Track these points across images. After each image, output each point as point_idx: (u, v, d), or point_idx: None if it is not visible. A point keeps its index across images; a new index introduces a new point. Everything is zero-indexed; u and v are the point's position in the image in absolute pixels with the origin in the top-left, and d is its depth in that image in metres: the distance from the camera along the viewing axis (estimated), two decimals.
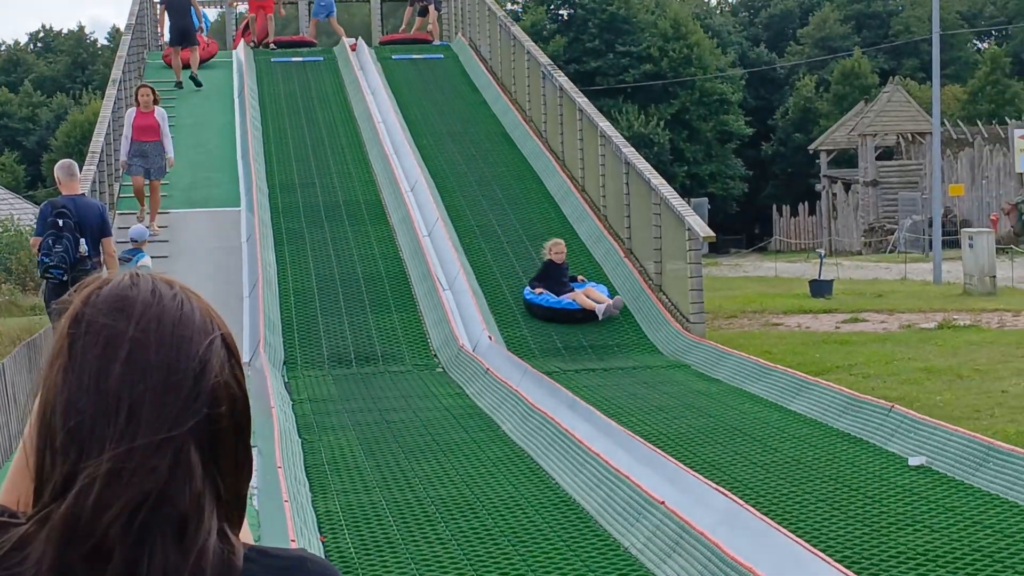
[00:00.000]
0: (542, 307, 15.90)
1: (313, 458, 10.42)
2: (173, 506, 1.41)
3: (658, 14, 68.83)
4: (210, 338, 1.47)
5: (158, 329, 1.46)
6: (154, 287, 1.50)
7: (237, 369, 1.51)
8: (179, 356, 1.45)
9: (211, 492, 1.45)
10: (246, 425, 1.52)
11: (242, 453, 1.51)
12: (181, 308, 1.48)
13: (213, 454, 1.45)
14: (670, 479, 8.79)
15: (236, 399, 1.49)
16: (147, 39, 27.30)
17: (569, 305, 15.81)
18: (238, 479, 1.51)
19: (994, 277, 24.15)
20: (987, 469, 9.11)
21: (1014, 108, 60.84)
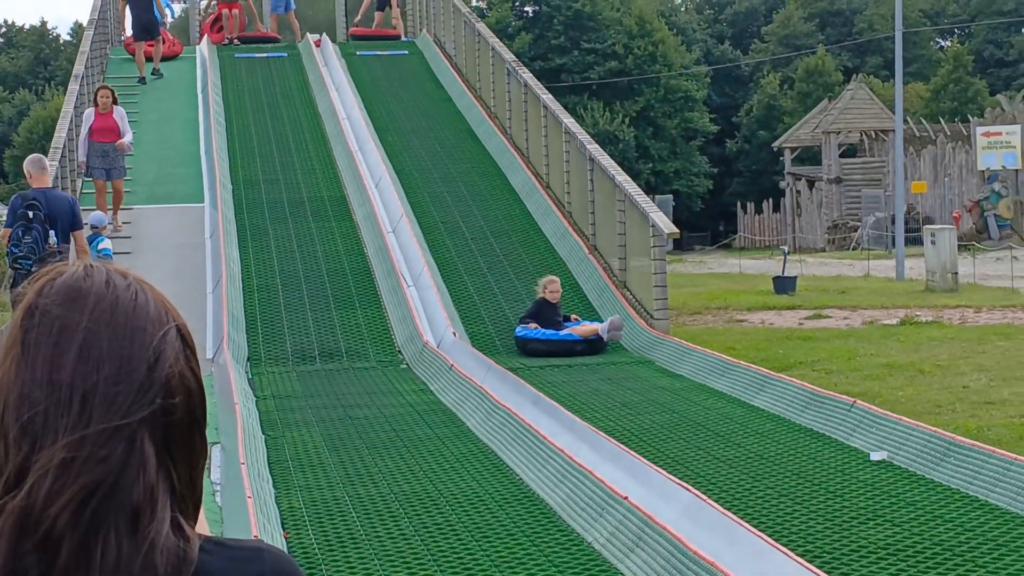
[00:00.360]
0: (539, 341, 14.99)
1: (277, 454, 10.40)
2: (126, 496, 1.41)
3: (623, 11, 68.91)
4: (164, 329, 1.47)
5: (111, 320, 1.46)
6: (108, 278, 1.50)
7: (192, 360, 1.51)
8: (133, 347, 1.44)
9: (165, 483, 1.45)
10: (201, 416, 1.52)
11: (197, 444, 1.51)
12: (135, 299, 1.48)
13: (167, 445, 1.45)
14: (633, 474, 8.81)
15: (191, 390, 1.49)
16: (110, 34, 27.16)
17: (569, 337, 15.04)
18: (193, 470, 1.51)
19: (956, 274, 24.30)
20: (948, 464, 9.17)
21: (976, 106, 61.17)
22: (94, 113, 17.69)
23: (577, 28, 66.76)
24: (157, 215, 18.86)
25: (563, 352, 14.83)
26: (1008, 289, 23.73)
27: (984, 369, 14.05)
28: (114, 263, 1.51)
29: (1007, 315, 19.46)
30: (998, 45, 76.67)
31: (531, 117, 20.84)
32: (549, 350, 14.87)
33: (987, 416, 11.47)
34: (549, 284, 15.50)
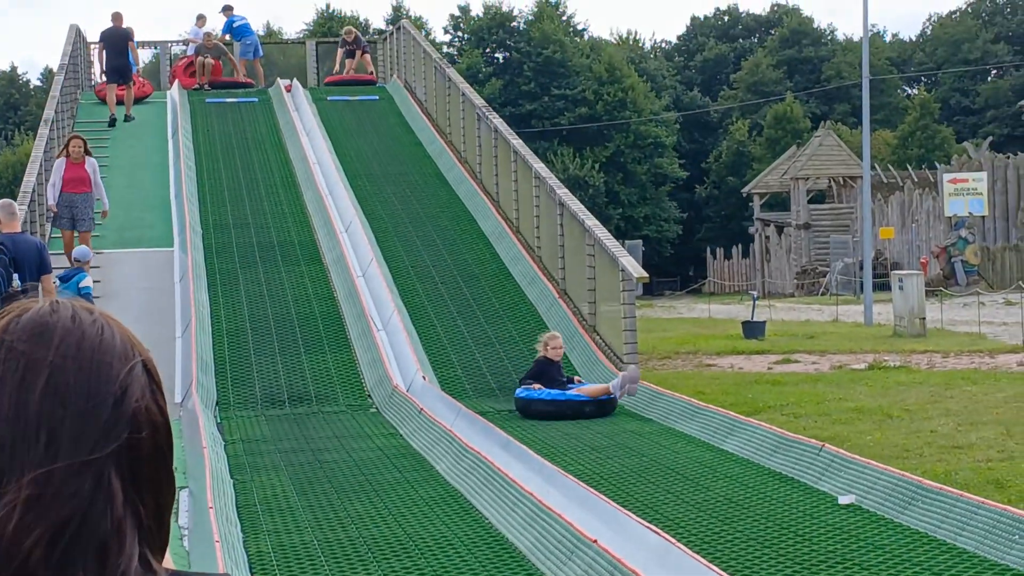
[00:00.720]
0: (544, 402, 13.86)
1: (245, 498, 10.35)
2: (94, 531, 1.41)
3: (593, 58, 69.34)
4: (130, 364, 1.47)
5: (77, 355, 1.46)
6: (74, 314, 1.50)
7: (158, 395, 1.51)
8: (99, 381, 1.44)
9: (132, 517, 1.45)
10: (168, 451, 1.52)
11: (164, 479, 1.51)
12: (101, 334, 1.48)
13: (134, 479, 1.45)
14: (603, 518, 8.81)
15: (157, 425, 1.49)
16: (80, 80, 27.17)
17: (577, 397, 13.93)
18: (160, 505, 1.51)
19: (924, 319, 24.43)
20: (916, 508, 9.20)
21: (943, 153, 61.69)
22: (65, 163, 17.54)
23: (547, 74, 67.10)
24: (126, 259, 18.82)
25: (570, 414, 13.73)
26: (975, 334, 23.86)
27: (951, 414, 14.11)
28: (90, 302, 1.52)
29: (974, 360, 19.57)
30: (964, 93, 77.37)
31: (501, 162, 20.91)
32: (555, 412, 13.71)
33: (955, 460, 11.51)
34: (550, 340, 14.44)
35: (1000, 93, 74.62)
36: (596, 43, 75.23)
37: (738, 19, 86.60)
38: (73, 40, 26.47)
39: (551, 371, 14.24)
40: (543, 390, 13.93)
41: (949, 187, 44.52)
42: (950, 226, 44.46)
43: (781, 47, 78.94)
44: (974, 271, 42.77)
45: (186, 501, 10.11)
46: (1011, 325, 25.02)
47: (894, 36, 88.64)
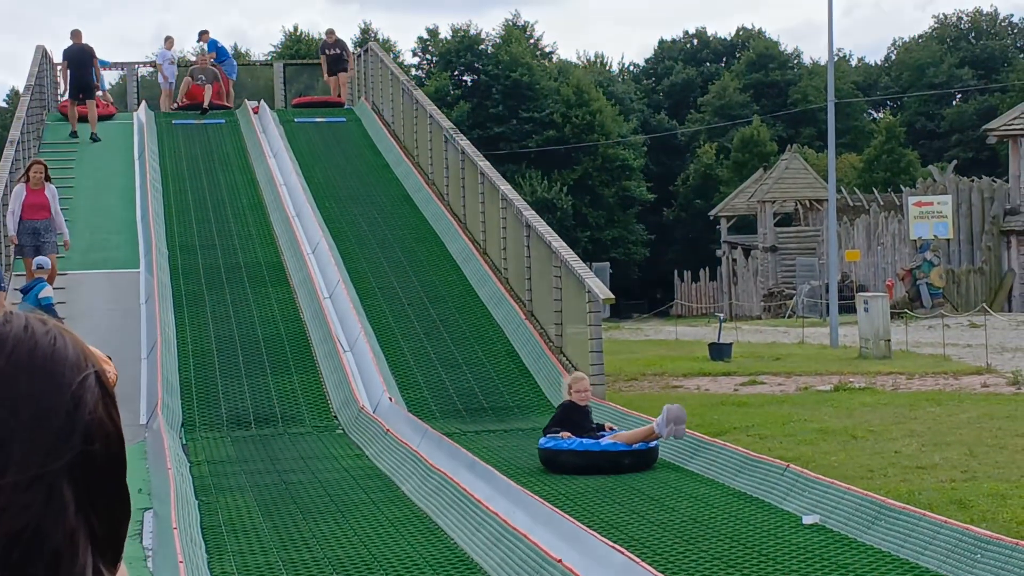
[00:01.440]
0: (574, 453, 11.87)
1: (210, 519, 10.32)
2: (46, 542, 1.41)
3: (561, 81, 69.54)
4: (83, 374, 1.46)
5: (29, 365, 1.45)
6: (27, 324, 1.50)
7: (111, 407, 1.50)
8: (51, 392, 1.43)
9: (85, 529, 1.45)
10: (120, 462, 1.52)
11: (117, 491, 1.51)
12: (54, 344, 1.47)
13: (88, 492, 1.44)
14: (568, 538, 8.82)
15: (110, 436, 1.48)
16: (47, 100, 27.10)
17: (612, 447, 11.93)
18: (113, 517, 1.51)
19: (889, 341, 24.54)
20: (879, 527, 9.24)
21: (908, 176, 62.06)
22: (25, 189, 17.37)
23: (515, 97, 67.24)
24: (91, 281, 18.76)
25: (606, 467, 11.78)
26: (940, 356, 23.98)
27: (916, 434, 14.18)
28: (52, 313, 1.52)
29: (939, 381, 19.68)
30: (929, 117, 77.90)
31: (468, 184, 20.95)
32: (587, 465, 11.77)
33: (918, 480, 11.58)
34: (575, 383, 12.49)
35: (965, 117, 75.16)
36: (564, 66, 75.48)
37: (706, 43, 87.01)
38: (39, 61, 26.43)
39: (578, 418, 12.29)
40: (572, 439, 11.95)
41: (914, 210, 44.79)
42: (915, 249, 44.71)
43: (748, 71, 79.34)
44: (939, 293, 43.01)
45: (150, 522, 10.08)
46: (975, 347, 25.18)
47: (860, 60, 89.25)
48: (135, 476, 11.91)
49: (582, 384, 12.44)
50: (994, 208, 45.09)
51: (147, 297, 17.92)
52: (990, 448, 13.14)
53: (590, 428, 12.32)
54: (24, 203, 17.24)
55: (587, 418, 12.40)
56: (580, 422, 12.26)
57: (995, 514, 9.97)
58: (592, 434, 12.18)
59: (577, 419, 12.27)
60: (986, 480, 11.42)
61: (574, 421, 12.24)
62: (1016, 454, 12.69)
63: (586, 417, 12.39)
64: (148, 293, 17.96)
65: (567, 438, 11.99)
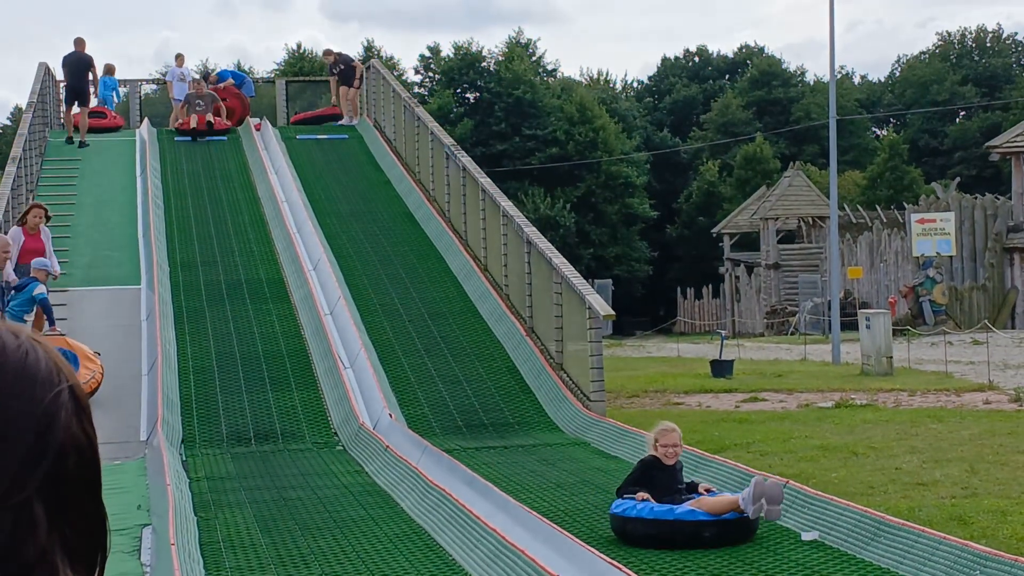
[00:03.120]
0: (644, 522, 9.82)
1: (209, 536, 10.30)
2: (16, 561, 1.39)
3: (564, 98, 69.60)
4: (56, 391, 1.43)
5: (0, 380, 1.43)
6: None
7: (86, 422, 1.46)
8: (22, 411, 1.40)
9: (60, 546, 1.42)
10: (95, 479, 1.48)
11: (91, 508, 1.48)
12: (26, 358, 1.43)
13: (60, 508, 1.41)
14: (566, 554, 8.80)
15: (83, 451, 1.44)
16: (49, 117, 27.15)
17: (691, 515, 9.81)
18: (89, 532, 1.48)
19: (891, 358, 24.51)
20: (879, 544, 9.21)
21: (911, 193, 62.07)
22: (22, 232, 16.99)
23: (518, 115, 67.31)
24: (93, 297, 18.76)
25: (682, 539, 9.73)
26: (942, 373, 23.96)
27: (917, 451, 14.15)
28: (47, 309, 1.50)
29: (940, 399, 19.65)
30: (933, 134, 77.95)
31: (469, 200, 20.95)
32: (660, 535, 9.76)
33: (919, 497, 11.55)
34: (663, 436, 10.29)
35: (968, 134, 75.20)
36: (567, 83, 75.57)
37: (708, 60, 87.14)
38: (42, 78, 26.48)
39: (662, 478, 10.21)
40: (646, 504, 9.93)
41: (917, 227, 44.78)
42: (918, 266, 44.70)
43: (751, 88, 79.45)
44: (942, 311, 42.99)
45: (149, 538, 10.06)
46: (978, 364, 25.14)
47: (863, 78, 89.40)
48: (134, 492, 11.90)
49: (671, 438, 10.23)
50: (997, 225, 45.08)
51: (148, 313, 17.92)
52: (991, 465, 13.11)
53: (676, 489, 10.17)
54: (22, 249, 16.95)
55: (674, 478, 10.25)
56: (664, 484, 10.15)
57: (995, 531, 9.94)
58: (678, 497, 10.10)
59: (661, 480, 10.17)
60: (987, 497, 11.39)
61: (657, 482, 10.15)
62: (1017, 471, 12.66)
63: (672, 477, 10.24)
64: (149, 309, 17.96)
65: (642, 501, 9.96)
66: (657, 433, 10.27)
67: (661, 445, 10.16)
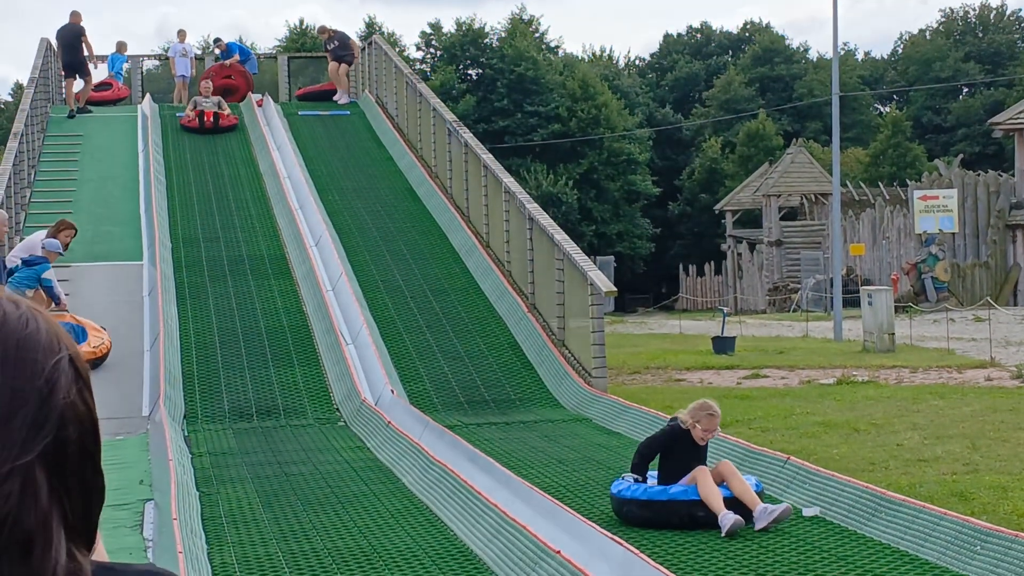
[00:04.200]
0: (638, 503, 9.53)
1: (211, 511, 10.32)
2: (19, 527, 1.40)
3: (566, 75, 69.45)
4: (56, 358, 1.44)
5: (1, 350, 1.45)
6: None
7: (85, 391, 1.48)
8: (24, 377, 1.42)
9: (58, 513, 1.44)
10: (95, 448, 1.50)
11: (90, 476, 1.49)
12: (26, 327, 1.45)
13: (60, 476, 1.42)
14: (568, 530, 8.81)
15: (83, 420, 1.46)
16: (51, 93, 27.11)
17: (683, 495, 9.47)
18: (87, 502, 1.49)
19: (893, 334, 24.52)
20: (879, 519, 9.23)
21: (914, 170, 61.98)
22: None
23: (521, 91, 67.18)
24: (95, 272, 18.77)
25: (677, 520, 9.38)
26: (944, 350, 23.96)
27: (918, 428, 14.17)
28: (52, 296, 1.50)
29: (942, 375, 19.66)
30: (936, 111, 77.81)
31: (472, 177, 20.93)
32: (653, 517, 9.43)
33: (920, 473, 11.56)
34: (707, 421, 9.72)
35: (971, 111, 75.06)
36: (569, 60, 75.40)
37: (711, 37, 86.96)
38: (44, 53, 26.44)
39: (686, 453, 9.74)
40: (640, 485, 9.64)
41: (920, 204, 44.74)
42: (920, 243, 44.68)
43: (753, 65, 79.30)
44: (944, 287, 42.98)
45: (151, 513, 10.08)
46: (980, 341, 25.15)
47: (866, 55, 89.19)
48: (136, 467, 11.93)
49: (712, 424, 9.73)
50: (1000, 202, 45.04)
51: (150, 289, 17.93)
52: (992, 441, 13.13)
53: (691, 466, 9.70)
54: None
55: (697, 457, 9.77)
56: (688, 459, 9.69)
57: (996, 506, 9.96)
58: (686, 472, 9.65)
59: (680, 453, 9.72)
60: (988, 473, 11.40)
61: (676, 454, 9.73)
62: (1018, 447, 12.68)
63: (697, 456, 9.76)
64: (151, 285, 17.97)
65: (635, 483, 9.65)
66: (701, 414, 9.65)
67: (703, 428, 9.64)
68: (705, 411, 9.69)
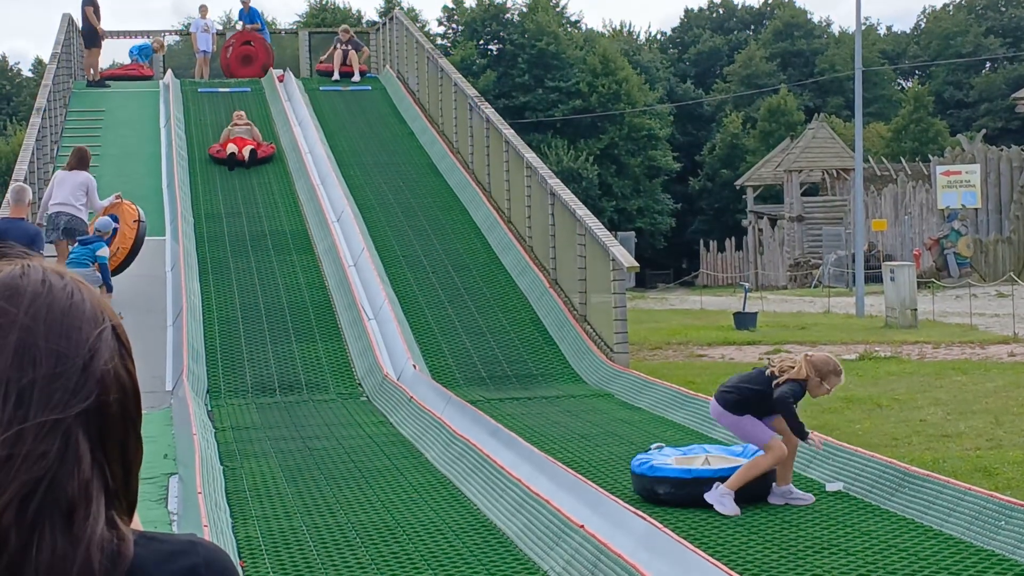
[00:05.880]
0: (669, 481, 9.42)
1: (234, 485, 10.36)
2: (62, 492, 1.42)
3: (587, 50, 69.27)
4: (100, 328, 1.49)
5: (47, 317, 1.47)
6: (44, 277, 1.51)
7: (127, 360, 1.52)
8: (68, 344, 1.46)
9: (99, 480, 1.46)
10: (136, 415, 1.53)
11: (132, 444, 1.52)
12: (71, 297, 1.49)
13: (102, 443, 1.46)
14: (590, 504, 8.82)
15: (125, 388, 1.50)
16: (73, 68, 27.15)
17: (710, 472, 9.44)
18: (127, 469, 1.52)
19: (915, 310, 24.45)
20: (903, 495, 9.22)
21: (936, 146, 61.70)
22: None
23: (541, 66, 67.02)
24: None
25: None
26: (966, 326, 23.89)
27: (941, 403, 14.14)
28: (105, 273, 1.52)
29: (965, 351, 19.60)
30: (958, 86, 77.42)
31: (493, 152, 20.91)
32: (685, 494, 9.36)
33: (943, 449, 11.55)
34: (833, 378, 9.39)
35: (994, 86, 74.68)
36: (590, 35, 75.20)
37: (732, 11, 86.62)
38: (66, 29, 26.47)
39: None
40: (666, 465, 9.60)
41: (942, 179, 44.56)
42: (943, 218, 44.51)
43: (775, 40, 78.98)
44: (966, 263, 42.83)
45: (176, 487, 10.13)
46: (1002, 316, 25.07)
47: (888, 29, 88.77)
48: (161, 441, 11.97)
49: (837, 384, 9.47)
50: (1023, 177, 44.82)
51: (173, 264, 17.97)
52: (1016, 417, 13.10)
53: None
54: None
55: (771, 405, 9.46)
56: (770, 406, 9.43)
57: (1020, 481, 9.95)
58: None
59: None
60: (1011, 448, 11.38)
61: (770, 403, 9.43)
62: None
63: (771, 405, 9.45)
64: (174, 260, 18.01)
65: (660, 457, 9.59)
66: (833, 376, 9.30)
67: (828, 387, 9.29)
68: (837, 373, 9.33)
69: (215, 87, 27.14)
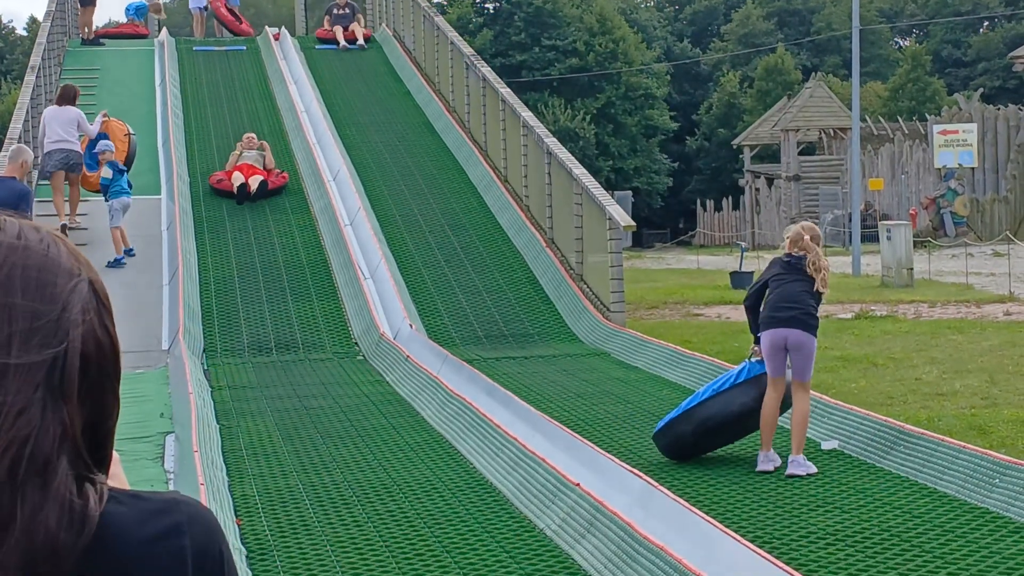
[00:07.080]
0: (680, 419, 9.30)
1: (231, 443, 10.39)
2: (39, 449, 1.41)
3: (584, 9, 68.97)
4: (75, 281, 1.48)
5: (23, 272, 1.46)
6: (20, 231, 1.50)
7: (105, 316, 1.50)
8: (44, 298, 1.45)
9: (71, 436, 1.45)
10: (114, 372, 1.51)
11: (108, 400, 1.51)
12: (47, 251, 1.48)
13: (80, 399, 1.44)
14: (586, 463, 8.84)
15: (101, 344, 1.48)
16: (67, 26, 27.04)
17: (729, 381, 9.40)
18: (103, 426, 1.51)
19: (911, 269, 24.47)
20: (898, 452, 9.25)
21: (934, 105, 61.55)
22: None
23: (538, 25, 66.77)
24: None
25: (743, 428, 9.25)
26: (962, 285, 23.91)
27: (937, 362, 14.17)
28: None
29: (961, 310, 19.62)
30: (956, 45, 77.17)
31: (490, 111, 20.86)
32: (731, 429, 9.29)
33: (938, 407, 11.58)
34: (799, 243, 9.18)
35: (991, 45, 74.43)
36: None
37: None
38: None
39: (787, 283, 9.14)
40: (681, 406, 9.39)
41: (939, 139, 44.47)
42: (939, 177, 44.46)
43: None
44: (963, 222, 42.81)
45: (172, 446, 10.14)
46: (998, 276, 25.08)
47: None
48: (157, 400, 11.99)
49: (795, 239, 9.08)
50: (1020, 136, 44.74)
51: (168, 223, 17.95)
52: (1011, 375, 13.13)
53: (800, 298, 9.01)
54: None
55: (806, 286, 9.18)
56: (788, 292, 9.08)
57: (1014, 440, 9.98)
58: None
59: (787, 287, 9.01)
60: (1006, 407, 11.41)
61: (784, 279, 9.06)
62: None
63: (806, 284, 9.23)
64: (170, 219, 17.99)
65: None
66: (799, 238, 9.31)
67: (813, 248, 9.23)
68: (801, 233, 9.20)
69: (211, 45, 27.02)
